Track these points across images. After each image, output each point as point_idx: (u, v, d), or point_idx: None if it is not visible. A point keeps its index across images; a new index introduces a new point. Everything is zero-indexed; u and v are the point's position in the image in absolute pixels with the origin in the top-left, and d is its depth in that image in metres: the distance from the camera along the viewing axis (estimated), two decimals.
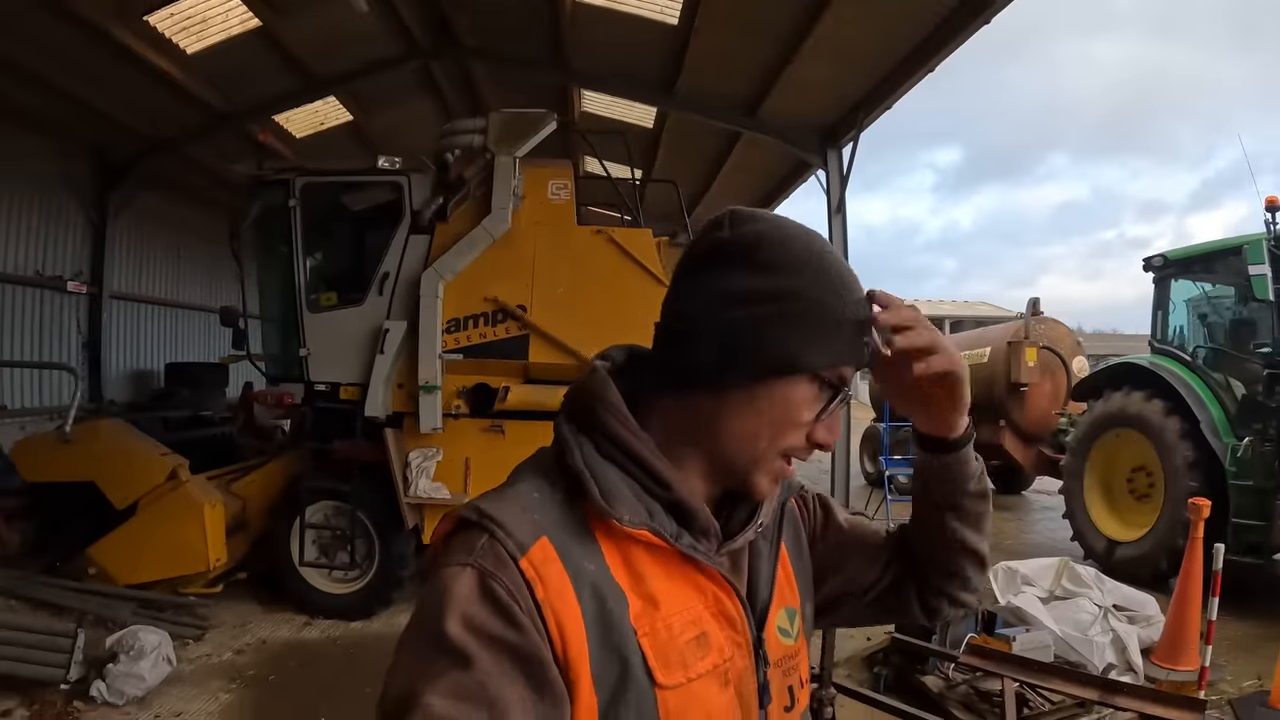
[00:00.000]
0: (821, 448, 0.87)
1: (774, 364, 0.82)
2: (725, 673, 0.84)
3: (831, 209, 10.26)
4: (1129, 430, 7.18)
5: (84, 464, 6.24)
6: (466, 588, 0.72)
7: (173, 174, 12.55)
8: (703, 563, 0.83)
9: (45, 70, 8.73)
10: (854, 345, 0.84)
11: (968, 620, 4.58)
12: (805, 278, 0.83)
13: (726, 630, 0.85)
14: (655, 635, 0.79)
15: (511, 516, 0.77)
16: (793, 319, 0.82)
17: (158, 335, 14.04)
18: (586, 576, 0.76)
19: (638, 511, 0.79)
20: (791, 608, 0.99)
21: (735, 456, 0.85)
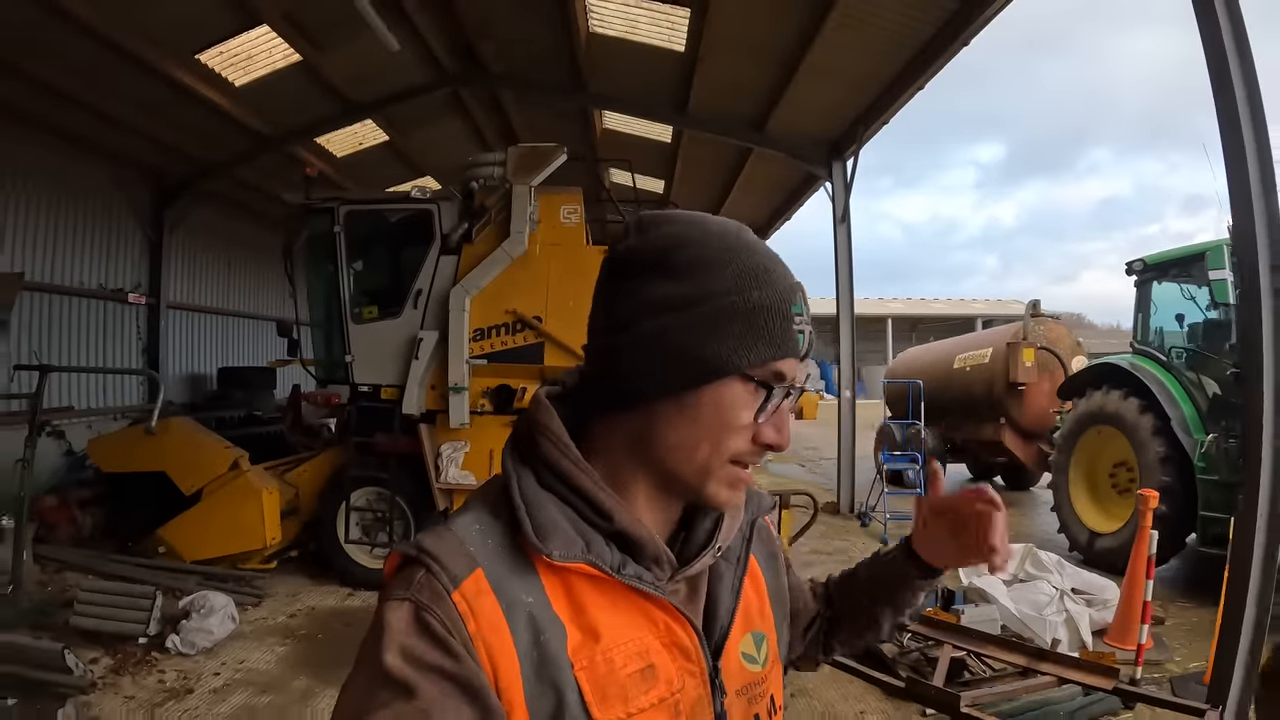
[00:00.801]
0: (772, 448, 0.83)
1: (697, 370, 0.79)
2: (676, 704, 0.81)
3: (836, 218, 10.76)
4: (1109, 427, 7.45)
5: (156, 456, 6.99)
6: (404, 621, 0.72)
7: (223, 192, 13.27)
8: (650, 593, 0.81)
9: (109, 105, 9.46)
10: (784, 337, 0.81)
11: (928, 596, 5.10)
12: (723, 276, 0.80)
13: (679, 660, 0.83)
14: (594, 668, 0.77)
15: (447, 551, 0.76)
16: (714, 320, 0.79)
17: (211, 341, 14.69)
18: (522, 608, 0.75)
19: (573, 544, 0.77)
20: (760, 632, 0.96)
21: (680, 469, 0.82)
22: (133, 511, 7.22)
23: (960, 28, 7.22)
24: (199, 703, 4.55)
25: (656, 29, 9.03)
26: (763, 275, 0.81)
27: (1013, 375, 10.22)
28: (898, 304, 44.99)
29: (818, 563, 7.64)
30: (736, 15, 8.05)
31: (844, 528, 9.46)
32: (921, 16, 7.35)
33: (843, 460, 10.45)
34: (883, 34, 7.77)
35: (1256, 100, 3.65)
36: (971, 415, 11.30)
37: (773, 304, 0.80)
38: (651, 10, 8.64)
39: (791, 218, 15.82)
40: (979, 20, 7.00)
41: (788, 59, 8.65)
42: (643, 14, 8.81)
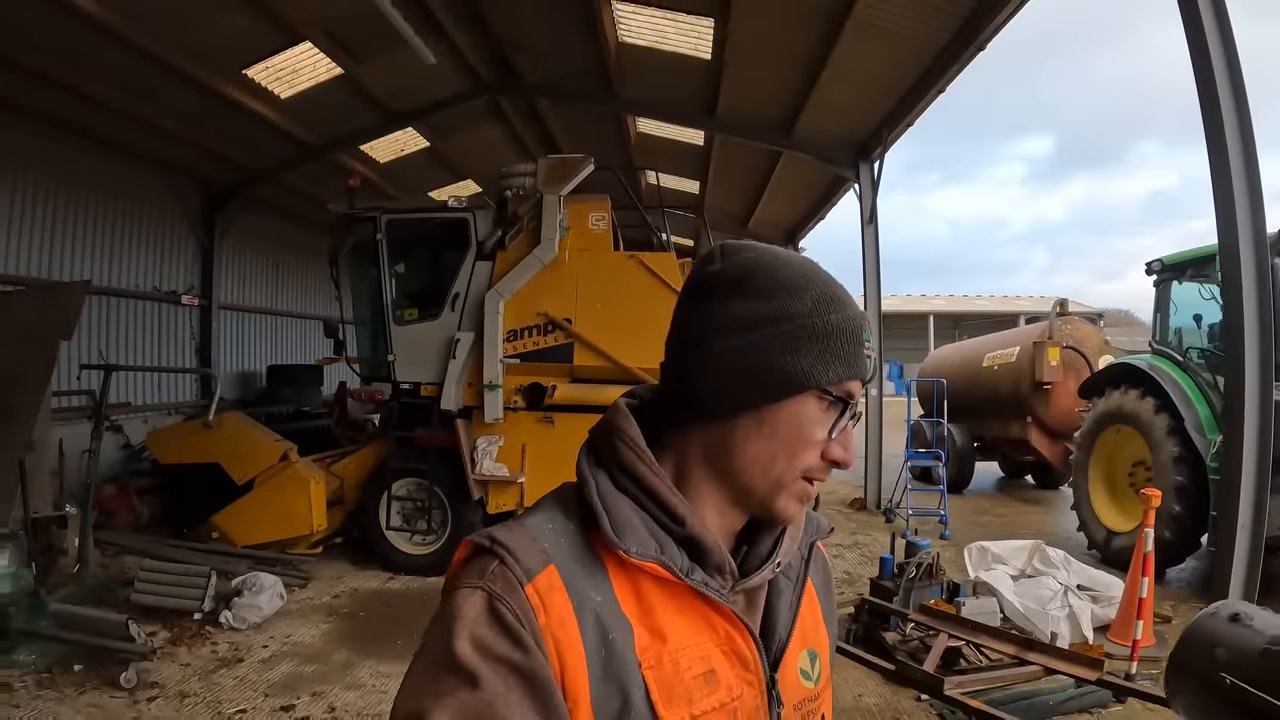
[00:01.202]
0: (838, 465, 0.86)
1: (782, 386, 0.82)
2: (734, 711, 0.82)
3: (864, 219, 10.93)
4: (1126, 427, 7.44)
5: (211, 449, 7.46)
6: (476, 609, 0.73)
7: (271, 198, 13.78)
8: (714, 599, 0.82)
9: (163, 119, 9.96)
10: (856, 359, 0.85)
11: (933, 588, 5.27)
12: (802, 299, 0.84)
13: (737, 669, 0.84)
14: (660, 668, 0.78)
15: (521, 544, 0.77)
16: (794, 339, 0.82)
17: (260, 340, 15.16)
18: (591, 606, 0.76)
19: (647, 544, 0.79)
20: (814, 651, 0.97)
21: (755, 482, 0.84)
22: (188, 500, 7.69)
23: (973, 34, 7.41)
24: (248, 670, 4.99)
25: (683, 38, 9.32)
26: (837, 302, 0.85)
27: (1038, 374, 10.26)
28: (940, 301, 44.60)
29: (842, 555, 7.90)
30: (758, 24, 8.29)
31: (869, 523, 9.68)
32: (934, 24, 7.55)
33: (870, 457, 10.62)
34: (899, 41, 7.98)
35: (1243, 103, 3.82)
36: (999, 414, 11.38)
37: (847, 327, 0.84)
38: (677, 21, 8.93)
39: (825, 218, 15.94)
40: (990, 27, 7.19)
41: (810, 65, 8.88)
42: (669, 24, 9.10)
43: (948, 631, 4.53)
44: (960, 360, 12.81)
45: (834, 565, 7.44)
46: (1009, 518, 10.03)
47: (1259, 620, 1.62)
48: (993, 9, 7.05)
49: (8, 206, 9.30)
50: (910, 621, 4.85)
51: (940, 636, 4.51)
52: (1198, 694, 1.63)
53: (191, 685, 4.72)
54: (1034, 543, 6.00)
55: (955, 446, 11.78)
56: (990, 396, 11.47)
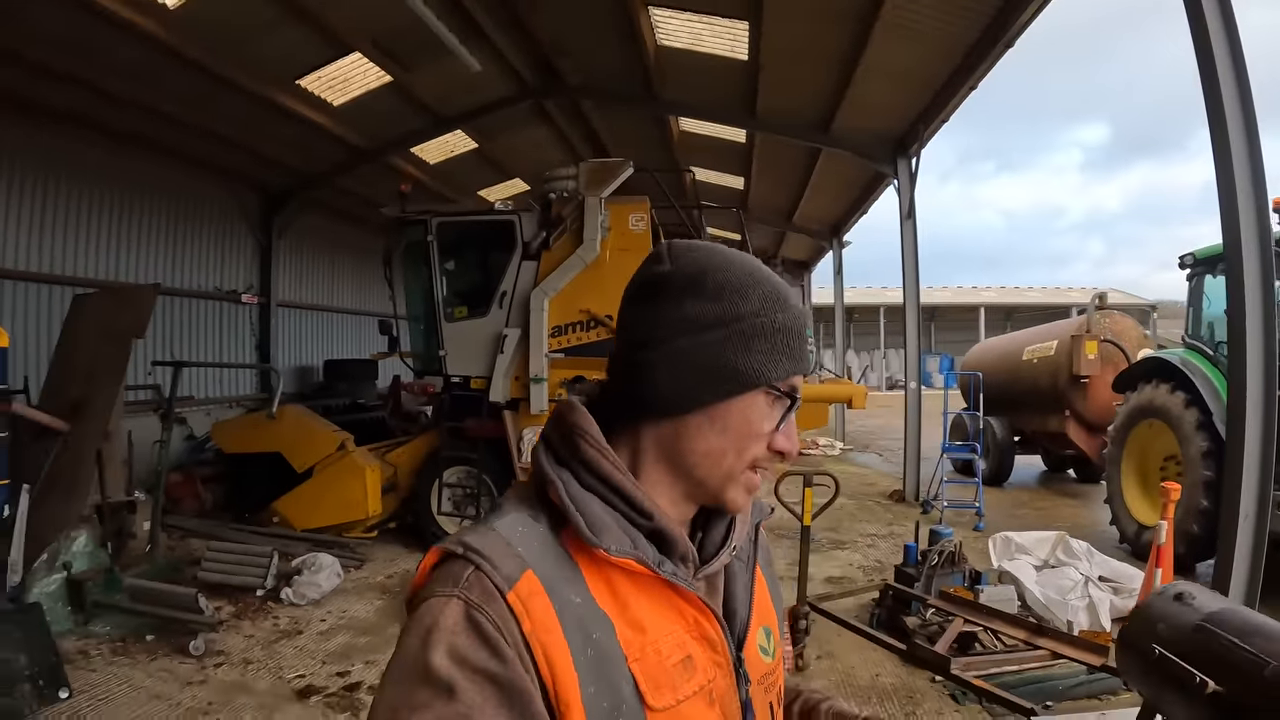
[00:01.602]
0: (783, 456, 0.90)
1: (734, 384, 0.84)
2: (710, 692, 0.85)
3: (903, 214, 10.99)
4: (1158, 421, 7.41)
5: (272, 439, 7.93)
6: (452, 619, 0.72)
7: (325, 200, 14.34)
8: (682, 587, 0.84)
9: (222, 128, 10.53)
10: (801, 355, 0.88)
11: (955, 575, 5.45)
12: (750, 298, 0.86)
13: (708, 652, 0.86)
14: (645, 660, 0.80)
15: (497, 550, 0.77)
16: (744, 338, 0.84)
17: (317, 336, 15.77)
18: (572, 608, 0.77)
19: (622, 541, 0.80)
20: (768, 627, 1.01)
21: (707, 475, 0.87)
22: (249, 487, 8.16)
23: (1000, 32, 7.54)
24: (307, 641, 5.41)
25: (719, 40, 9.55)
26: (782, 301, 0.88)
27: (1076, 368, 10.22)
28: (990, 293, 43.94)
29: (875, 545, 8.09)
30: (791, 26, 8.52)
31: (906, 514, 9.80)
32: (961, 23, 7.69)
33: (909, 449, 10.75)
34: (928, 40, 8.13)
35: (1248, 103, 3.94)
36: (1038, 407, 11.36)
37: (793, 325, 0.88)
38: (712, 24, 9.17)
39: (868, 212, 15.98)
40: (1016, 25, 7.32)
41: (843, 65, 9.05)
42: (705, 27, 9.34)
43: (963, 616, 4.74)
44: (1001, 354, 12.80)
45: (869, 555, 7.69)
46: (1046, 511, 10.08)
47: (1200, 600, 1.82)
48: (1018, 7, 7.17)
49: (80, 215, 9.97)
50: (930, 607, 5.04)
51: (955, 621, 4.73)
52: (1139, 666, 1.84)
53: (254, 654, 5.15)
54: (1058, 534, 6.08)
55: (995, 440, 11.83)
56: (1030, 390, 11.46)
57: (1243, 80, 3.98)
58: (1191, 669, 1.62)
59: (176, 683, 4.67)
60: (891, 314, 36.48)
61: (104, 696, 4.45)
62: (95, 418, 5.85)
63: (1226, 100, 3.91)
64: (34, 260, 9.32)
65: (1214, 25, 4.04)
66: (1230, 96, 3.93)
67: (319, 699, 4.51)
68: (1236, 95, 3.95)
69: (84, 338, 6.34)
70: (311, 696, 4.53)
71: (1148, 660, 1.80)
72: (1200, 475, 6.52)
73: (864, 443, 18.13)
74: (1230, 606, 1.78)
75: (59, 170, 9.61)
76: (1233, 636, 1.60)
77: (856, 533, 8.66)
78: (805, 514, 4.85)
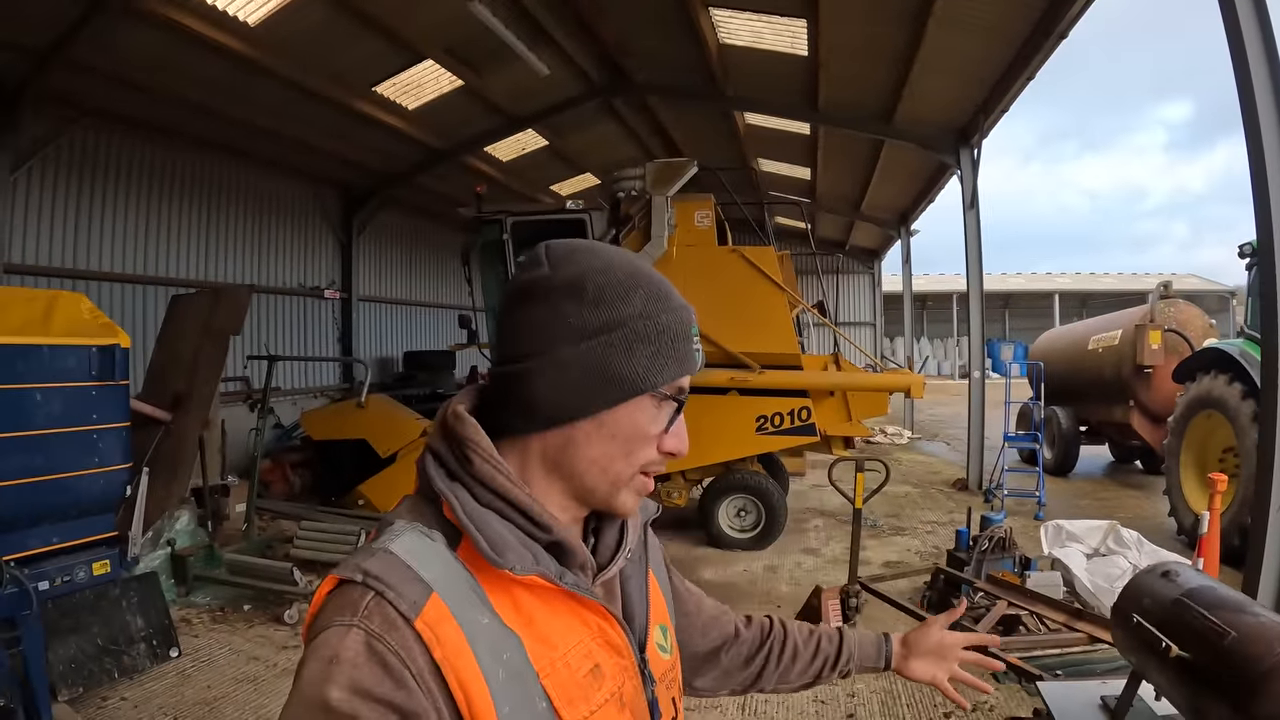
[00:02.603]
0: (673, 456, 0.89)
1: (619, 390, 0.83)
2: (620, 697, 0.86)
3: (965, 204, 11.00)
4: (1216, 413, 7.35)
5: (358, 426, 8.38)
6: (352, 650, 0.70)
7: (403, 198, 15.00)
8: (585, 597, 0.84)
9: (304, 134, 11.21)
10: (687, 355, 0.87)
11: (1005, 561, 5.60)
12: (632, 301, 0.85)
13: (614, 658, 0.87)
14: (556, 674, 0.79)
15: (397, 576, 0.74)
16: (627, 344, 0.83)
17: (396, 329, 16.41)
18: (481, 630, 0.75)
19: (525, 559, 0.79)
20: (664, 625, 1.02)
21: (596, 482, 0.86)
22: (336, 472, 8.63)
23: (1052, 24, 7.60)
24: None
25: (779, 38, 9.80)
26: (664, 300, 0.87)
27: (1139, 358, 10.09)
28: (1065, 279, 42.70)
29: (935, 532, 8.25)
30: (847, 22, 8.71)
31: (967, 502, 9.86)
32: (1013, 15, 7.77)
33: (972, 438, 10.83)
34: (981, 33, 8.23)
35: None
36: (1103, 397, 11.23)
37: (676, 326, 0.86)
38: (772, 23, 9.41)
39: (935, 200, 15.96)
40: (1067, 18, 7.39)
41: (901, 57, 9.18)
42: (765, 26, 9.59)
43: (1008, 599, 4.95)
44: (1067, 343, 12.67)
45: (927, 540, 7.87)
46: (1108, 501, 10.05)
47: (1183, 577, 2.07)
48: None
49: (173, 220, 10.81)
50: (979, 590, 5.25)
51: (999, 603, 4.93)
52: (1124, 632, 2.09)
53: None
54: (1109, 523, 6.13)
55: (1060, 430, 11.77)
56: (1095, 380, 11.35)
57: (1275, 68, 4.05)
58: (1162, 636, 1.86)
59: (272, 647, 5.15)
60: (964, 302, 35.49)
61: (207, 659, 4.96)
62: (197, 409, 6.31)
63: (1258, 89, 3.99)
64: (134, 263, 10.15)
65: (1244, 11, 4.11)
66: (1262, 84, 4.01)
67: None
68: (1269, 84, 4.03)
69: (185, 335, 6.83)
70: None
71: (1129, 628, 2.06)
72: (1255, 467, 6.49)
73: (932, 432, 18.08)
74: (1210, 584, 2.02)
75: (155, 180, 10.47)
76: (1203, 610, 1.85)
77: (917, 520, 8.84)
78: (857, 497, 5.13)
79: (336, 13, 8.37)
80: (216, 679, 4.68)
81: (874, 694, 4.44)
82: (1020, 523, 7.99)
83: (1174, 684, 1.83)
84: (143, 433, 5.93)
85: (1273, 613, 1.78)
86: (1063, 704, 2.27)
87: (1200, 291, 29.33)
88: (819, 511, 9.17)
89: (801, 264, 16.25)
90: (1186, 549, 6.85)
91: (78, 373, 4.30)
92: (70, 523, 4.30)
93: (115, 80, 8.61)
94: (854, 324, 24.03)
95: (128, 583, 4.91)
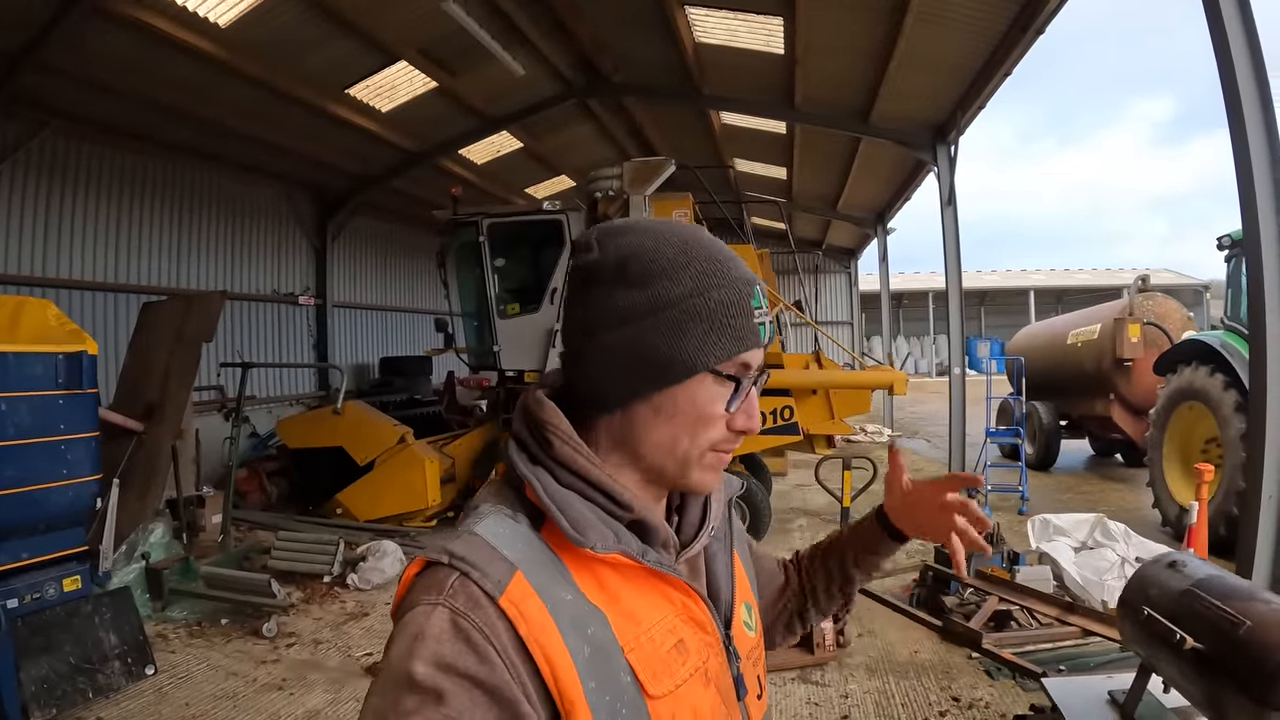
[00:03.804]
0: (744, 434, 0.88)
1: (665, 374, 0.83)
2: (705, 673, 0.86)
3: (943, 201, 10.98)
4: (1198, 404, 7.39)
5: (335, 434, 8.29)
6: (437, 627, 0.72)
7: (377, 201, 14.79)
8: (668, 574, 0.85)
9: (276, 137, 11.02)
10: (745, 331, 0.84)
11: (994, 556, 5.53)
12: (682, 280, 0.83)
13: (699, 634, 0.87)
14: (640, 649, 0.80)
15: (482, 556, 0.76)
16: (677, 325, 0.82)
17: (372, 334, 16.26)
18: (565, 607, 0.76)
19: (606, 538, 0.80)
20: (749, 603, 1.02)
21: (663, 463, 0.86)
22: (313, 481, 8.56)
23: (1030, 20, 7.60)
24: (374, 622, 5.74)
25: (755, 36, 9.72)
26: (720, 274, 0.85)
27: (1119, 351, 10.18)
28: (1040, 276, 43.11)
29: None
30: (824, 20, 8.66)
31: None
32: (991, 12, 7.75)
33: (953, 435, 10.83)
34: (960, 29, 8.19)
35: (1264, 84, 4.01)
36: (1084, 391, 11.29)
37: (732, 301, 0.84)
38: (749, 21, 9.35)
39: (911, 198, 15.97)
40: (1045, 12, 7.38)
41: (879, 55, 9.13)
42: (741, 24, 9.53)
43: (999, 595, 4.94)
44: (1047, 338, 12.73)
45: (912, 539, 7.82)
46: (1091, 495, 10.09)
47: (1190, 568, 2.03)
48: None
49: (143, 226, 10.58)
50: (968, 586, 5.24)
51: (990, 599, 4.92)
52: (1132, 625, 2.05)
53: (324, 635, 5.49)
54: (1095, 516, 6.15)
55: (1041, 424, 11.83)
56: (1075, 374, 11.41)
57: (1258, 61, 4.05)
58: (1174, 628, 1.84)
59: (251, 661, 5.02)
60: (940, 300, 35.97)
61: (184, 675, 4.83)
62: (170, 418, 6.22)
63: (1242, 82, 3.99)
64: (104, 270, 9.93)
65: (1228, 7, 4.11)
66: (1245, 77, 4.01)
67: None
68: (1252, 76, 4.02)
69: (156, 342, 6.71)
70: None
71: (1138, 621, 2.01)
72: (1239, 457, 6.41)
73: (912, 429, 18.14)
74: (1218, 573, 1.98)
75: (125, 184, 10.25)
76: (1215, 600, 1.81)
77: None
78: (844, 496, 5.08)
79: (308, 14, 8.22)
80: (194, 696, 4.55)
81: (868, 694, 4.38)
82: (1005, 518, 8.00)
83: (1188, 676, 1.79)
84: (115, 443, 5.84)
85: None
86: (1069, 699, 2.22)
87: (1175, 286, 29.61)
88: (803, 511, 9.12)
89: (779, 263, 16.29)
90: (1173, 540, 6.87)
91: (44, 381, 4.18)
92: (39, 537, 4.17)
93: (85, 83, 8.42)
94: (832, 323, 24.08)
95: (100, 598, 4.78)
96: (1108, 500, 9.64)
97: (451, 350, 8.85)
